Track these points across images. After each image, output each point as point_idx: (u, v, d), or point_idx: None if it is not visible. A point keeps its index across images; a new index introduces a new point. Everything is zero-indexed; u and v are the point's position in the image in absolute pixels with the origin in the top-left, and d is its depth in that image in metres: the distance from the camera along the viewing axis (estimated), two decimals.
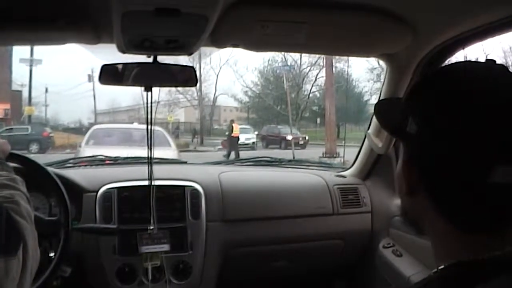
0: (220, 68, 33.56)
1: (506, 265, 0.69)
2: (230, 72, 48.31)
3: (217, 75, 33.83)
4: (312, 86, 31.81)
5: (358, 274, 2.60)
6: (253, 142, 23.49)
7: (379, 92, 2.35)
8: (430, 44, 1.84)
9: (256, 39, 1.78)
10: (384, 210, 2.44)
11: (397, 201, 2.33)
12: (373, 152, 2.41)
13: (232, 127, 19.77)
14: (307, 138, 26.45)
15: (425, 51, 1.89)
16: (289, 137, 24.52)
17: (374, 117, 2.33)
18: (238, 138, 19.84)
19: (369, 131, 2.36)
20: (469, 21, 1.59)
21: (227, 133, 20.45)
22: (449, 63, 1.69)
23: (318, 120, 29.68)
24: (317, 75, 31.80)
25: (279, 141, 25.86)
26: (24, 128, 24.29)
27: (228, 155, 18.01)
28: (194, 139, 29.75)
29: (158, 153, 2.11)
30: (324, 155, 18.46)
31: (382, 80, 2.25)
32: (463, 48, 1.90)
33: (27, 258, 1.04)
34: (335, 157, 17.10)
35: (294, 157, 12.63)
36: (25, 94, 31.20)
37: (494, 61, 0.76)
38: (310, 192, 2.48)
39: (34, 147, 21.94)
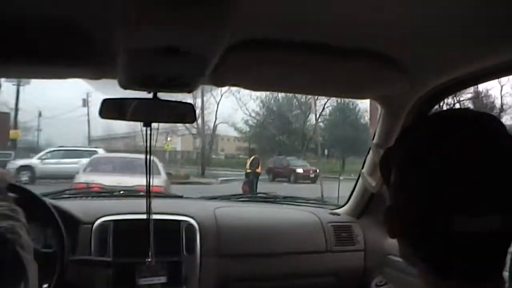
0: (222, 95, 32.52)
1: None
2: (232, 100, 46.95)
3: (218, 103, 33.04)
4: (320, 115, 30.94)
5: None
6: None
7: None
8: (424, 89, 1.87)
9: (254, 80, 1.81)
10: (378, 248, 2.44)
11: (391, 240, 2.33)
12: (367, 191, 2.44)
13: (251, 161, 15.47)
14: (318, 171, 23.02)
15: (418, 95, 1.92)
16: (300, 170, 23.33)
17: (368, 156, 2.37)
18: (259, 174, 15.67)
19: (363, 170, 2.39)
20: (463, 66, 1.63)
21: (248, 170, 15.51)
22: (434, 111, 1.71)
23: (326, 151, 28.57)
24: (324, 104, 30.65)
25: (288, 174, 23.92)
26: (7, 153, 22.08)
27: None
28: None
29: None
30: None
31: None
32: (457, 92, 1.94)
33: None
34: None
35: (322, 196, 11.74)
36: (18, 117, 29.47)
37: (470, 109, 0.79)
38: (304, 229, 2.49)
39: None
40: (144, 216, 2.08)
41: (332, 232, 2.48)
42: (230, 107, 50.49)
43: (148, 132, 1.94)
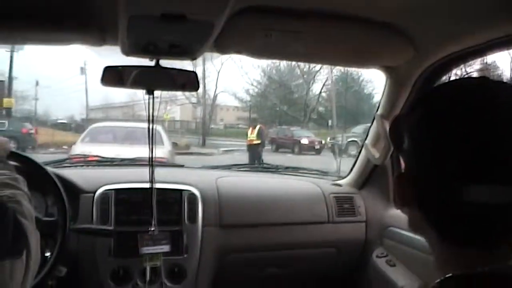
0: (222, 64, 31.54)
1: (494, 281, 0.71)
2: (233, 68, 45.42)
3: (218, 72, 32.22)
4: (324, 85, 30.08)
5: (350, 283, 2.60)
6: None
7: None
8: (430, 59, 1.85)
9: (258, 47, 1.79)
10: (379, 220, 2.45)
11: (392, 212, 2.34)
12: (370, 162, 2.43)
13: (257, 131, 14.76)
14: (323, 142, 22.23)
15: (425, 66, 1.90)
16: (305, 141, 22.67)
17: (371, 127, 2.35)
18: (258, 145, 14.87)
19: (367, 141, 2.37)
20: (469, 38, 1.61)
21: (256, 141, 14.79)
22: (446, 80, 1.69)
23: (330, 122, 28.08)
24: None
25: (292, 145, 22.95)
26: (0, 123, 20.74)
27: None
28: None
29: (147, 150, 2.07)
30: None
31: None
32: (464, 63, 1.91)
33: (30, 259, 1.04)
34: None
35: (339, 168, 10.58)
36: (15, 86, 27.74)
37: (487, 78, 0.78)
38: (306, 199, 2.49)
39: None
40: (146, 185, 2.07)
41: (334, 203, 2.49)
42: (231, 76, 49.41)
43: (151, 100, 1.92)
